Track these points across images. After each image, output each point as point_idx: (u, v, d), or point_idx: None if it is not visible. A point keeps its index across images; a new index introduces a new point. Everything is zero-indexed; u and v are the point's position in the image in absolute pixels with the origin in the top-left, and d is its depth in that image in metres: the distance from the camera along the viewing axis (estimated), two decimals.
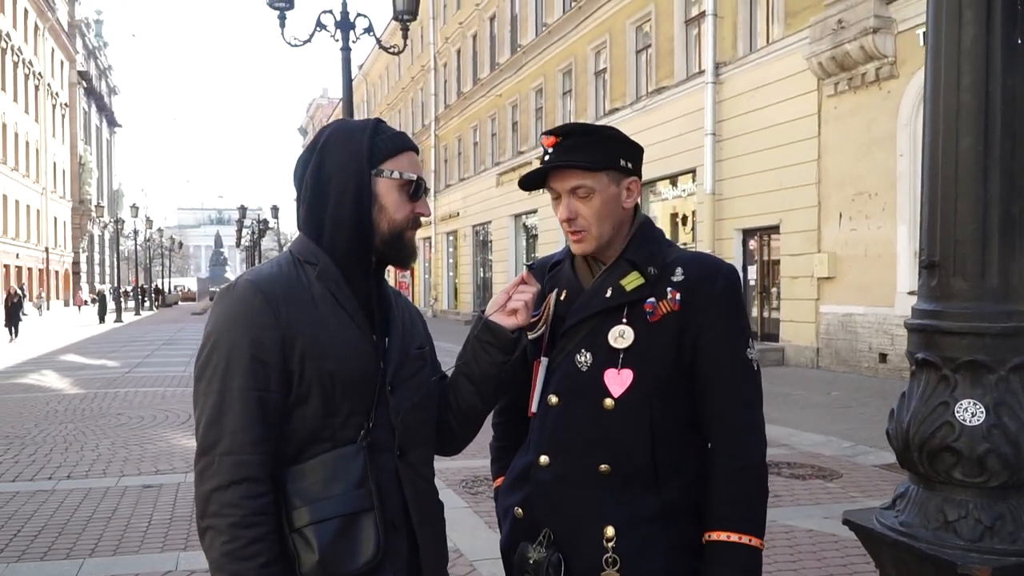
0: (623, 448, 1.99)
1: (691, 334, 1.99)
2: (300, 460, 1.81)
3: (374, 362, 1.88)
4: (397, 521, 1.87)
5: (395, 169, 1.91)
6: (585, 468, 2.01)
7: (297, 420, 1.81)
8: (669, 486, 1.99)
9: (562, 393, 2.06)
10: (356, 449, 1.82)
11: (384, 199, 1.91)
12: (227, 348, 1.77)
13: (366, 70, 57.04)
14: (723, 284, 2.02)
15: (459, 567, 5.33)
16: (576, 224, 2.04)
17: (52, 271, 65.73)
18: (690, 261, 2.06)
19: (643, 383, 1.99)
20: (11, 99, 55.22)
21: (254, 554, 1.71)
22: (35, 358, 22.30)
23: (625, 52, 23.97)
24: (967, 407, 2.08)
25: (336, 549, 1.76)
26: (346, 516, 1.78)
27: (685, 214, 21.58)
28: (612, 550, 1.96)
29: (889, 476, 7.65)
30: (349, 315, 1.87)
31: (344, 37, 13.43)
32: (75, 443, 9.69)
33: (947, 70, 2.14)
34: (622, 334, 2.01)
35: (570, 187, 2.04)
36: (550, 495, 2.05)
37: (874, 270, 15.04)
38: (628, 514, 1.98)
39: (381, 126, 1.96)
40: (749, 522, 1.97)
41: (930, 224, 2.19)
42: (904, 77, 14.40)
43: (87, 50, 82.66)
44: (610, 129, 2.12)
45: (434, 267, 43.47)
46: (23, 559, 5.63)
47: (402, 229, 1.93)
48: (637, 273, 2.04)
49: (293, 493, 1.79)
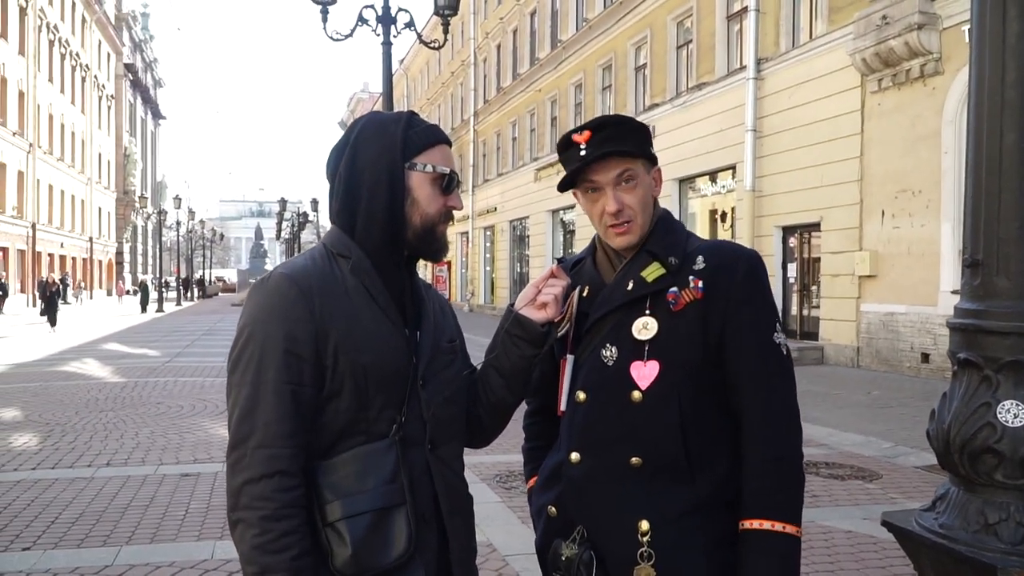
0: (653, 440, 1.97)
1: (716, 322, 1.97)
2: (332, 454, 1.81)
3: (407, 356, 1.87)
4: (428, 514, 1.87)
5: (428, 162, 1.90)
6: (616, 463, 2.00)
7: (330, 414, 1.80)
8: (703, 478, 1.97)
9: (589, 389, 2.05)
10: (388, 443, 1.82)
11: (417, 192, 1.90)
12: (261, 341, 1.77)
13: (407, 65, 57.28)
14: (745, 270, 2.00)
15: (492, 562, 5.33)
16: (624, 215, 2.02)
17: (96, 261, 66.77)
18: (711, 249, 2.05)
19: (670, 374, 1.97)
20: (58, 90, 56.12)
21: (285, 547, 1.71)
22: (77, 347, 22.64)
23: (666, 48, 23.84)
24: (1009, 408, 2.04)
25: (369, 543, 1.76)
26: (379, 511, 1.77)
27: (725, 211, 21.43)
28: (647, 544, 1.94)
29: (930, 477, 7.54)
30: (382, 308, 1.87)
31: (385, 32, 13.46)
32: (115, 431, 9.82)
33: (992, 66, 2.10)
34: (646, 325, 2.00)
35: (616, 174, 2.01)
36: (582, 492, 2.03)
37: (917, 269, 14.84)
38: (662, 508, 1.96)
39: (414, 119, 1.95)
40: (785, 510, 1.94)
41: (973, 222, 2.15)
42: (949, 74, 14.19)
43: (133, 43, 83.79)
44: (637, 120, 2.11)
45: (471, 262, 43.56)
46: (60, 546, 5.71)
47: (434, 223, 1.92)
48: (658, 264, 2.02)
49: (325, 487, 1.78)
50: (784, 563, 1.93)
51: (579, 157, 2.02)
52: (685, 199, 23.38)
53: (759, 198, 18.99)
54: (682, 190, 23.34)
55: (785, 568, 1.93)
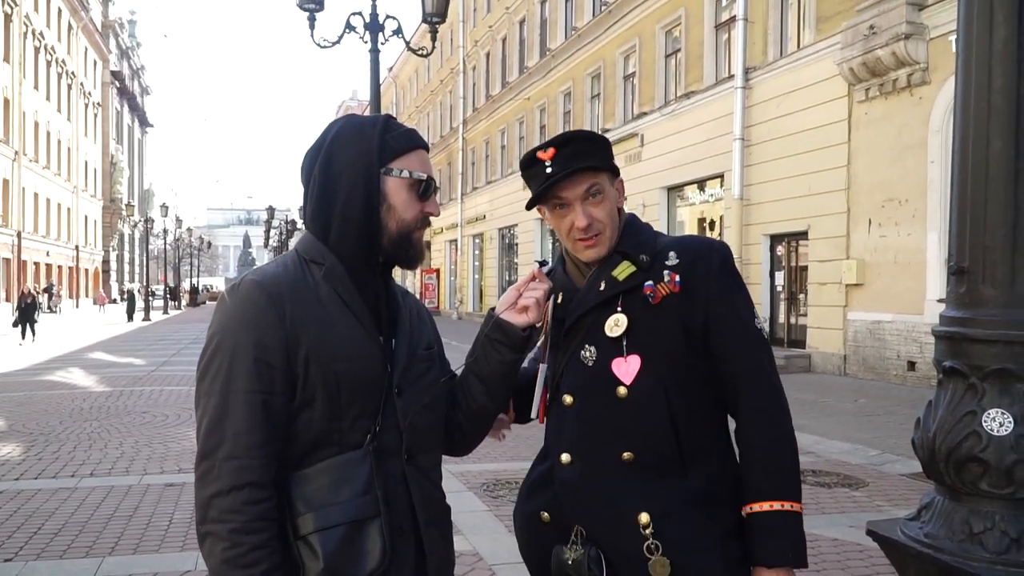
0: (642, 435, 1.98)
1: (698, 313, 1.99)
2: (305, 465, 1.77)
3: (381, 364, 1.84)
4: (405, 526, 1.84)
5: (405, 168, 1.87)
6: (608, 460, 2.01)
7: (302, 424, 1.77)
8: (696, 470, 1.99)
9: (575, 391, 2.07)
10: (362, 454, 1.79)
11: (393, 198, 1.87)
12: (230, 349, 1.73)
13: (395, 72, 57.29)
14: (719, 260, 2.03)
15: (478, 571, 5.30)
16: (594, 228, 2.04)
17: (82, 269, 66.44)
18: (681, 244, 2.07)
19: (653, 367, 1.99)
20: (44, 98, 55.89)
21: (255, 561, 1.67)
22: (62, 356, 22.52)
23: (654, 56, 23.89)
24: (995, 417, 2.03)
25: (341, 557, 1.72)
26: (352, 523, 1.74)
27: (713, 219, 21.46)
28: (651, 536, 1.94)
29: (916, 485, 7.54)
30: (355, 315, 1.83)
31: (373, 39, 13.44)
32: (99, 441, 9.75)
33: (978, 72, 2.09)
34: (617, 322, 2.02)
35: (584, 189, 2.03)
36: (577, 492, 2.04)
37: (903, 277, 14.89)
38: (659, 500, 1.96)
39: (391, 123, 1.92)
40: (787, 489, 1.97)
41: (959, 229, 2.14)
42: (936, 84, 14.26)
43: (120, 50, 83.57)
44: (599, 134, 2.14)
45: (460, 269, 43.52)
46: (42, 556, 5.65)
47: (411, 229, 1.89)
48: (628, 262, 2.05)
49: (297, 499, 1.75)
50: (793, 542, 1.94)
51: (546, 175, 2.04)
52: (673, 207, 23.41)
53: (747, 207, 19.03)
54: (670, 198, 23.38)
55: (797, 545, 1.95)
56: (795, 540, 1.94)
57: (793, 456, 2.00)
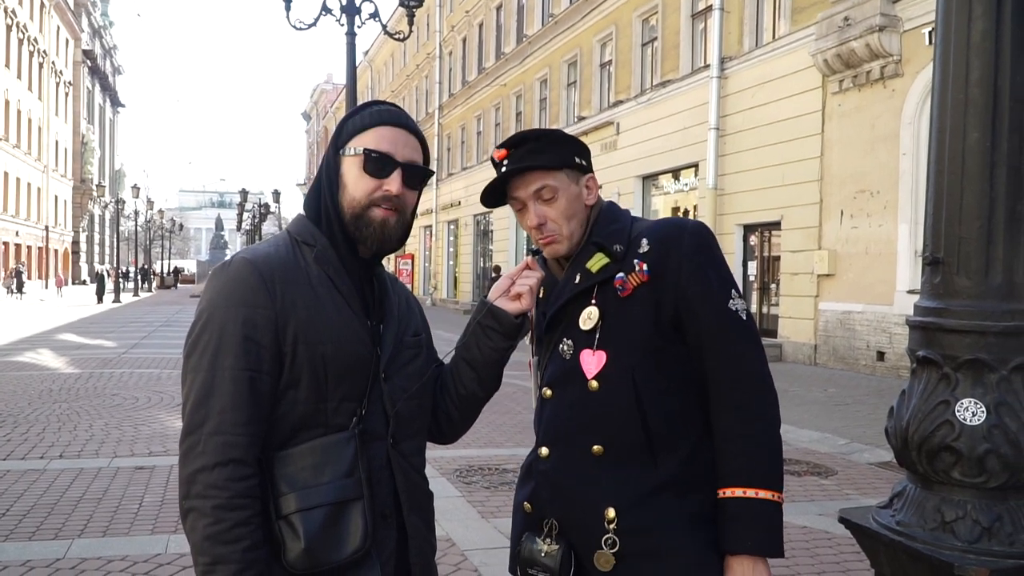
0: (613, 427, 1.98)
1: (668, 300, 1.98)
2: (290, 445, 1.77)
3: (368, 348, 1.85)
4: (388, 511, 1.84)
5: (356, 145, 1.87)
6: (580, 453, 2.01)
7: (288, 404, 1.77)
8: (667, 459, 1.97)
9: (553, 384, 2.07)
10: (347, 436, 1.79)
11: (346, 177, 1.87)
12: (219, 326, 1.74)
13: (371, 56, 56.94)
14: (689, 242, 2.00)
15: (451, 556, 5.30)
16: (547, 229, 2.05)
17: (52, 250, 65.70)
18: (654, 229, 2.06)
19: (622, 359, 1.98)
20: (15, 76, 55.14)
21: (238, 537, 1.67)
22: (30, 337, 22.26)
23: (631, 45, 23.90)
24: (968, 406, 2.04)
25: (323, 538, 1.72)
26: (334, 504, 1.74)
27: (687, 208, 21.54)
28: (613, 531, 1.94)
29: (884, 474, 7.64)
30: (345, 298, 1.84)
31: (349, 22, 13.34)
32: (68, 423, 9.66)
33: (956, 64, 2.10)
34: (589, 315, 2.02)
35: (533, 189, 2.04)
36: (552, 485, 2.05)
37: (874, 268, 15.02)
38: (627, 493, 1.96)
39: (368, 107, 1.93)
40: (762, 475, 1.94)
41: (934, 220, 2.15)
42: (909, 76, 14.36)
43: (92, 29, 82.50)
44: (559, 131, 2.13)
45: (434, 256, 43.45)
46: (11, 538, 5.59)
47: (362, 207, 1.85)
48: (601, 253, 2.04)
49: (281, 479, 1.75)
50: (764, 531, 1.92)
51: (499, 175, 2.06)
52: (648, 196, 23.48)
53: (721, 196, 19.11)
54: (645, 187, 23.44)
55: (764, 536, 1.92)
56: (761, 529, 1.91)
57: (771, 441, 1.97)
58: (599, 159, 24.09)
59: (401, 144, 1.88)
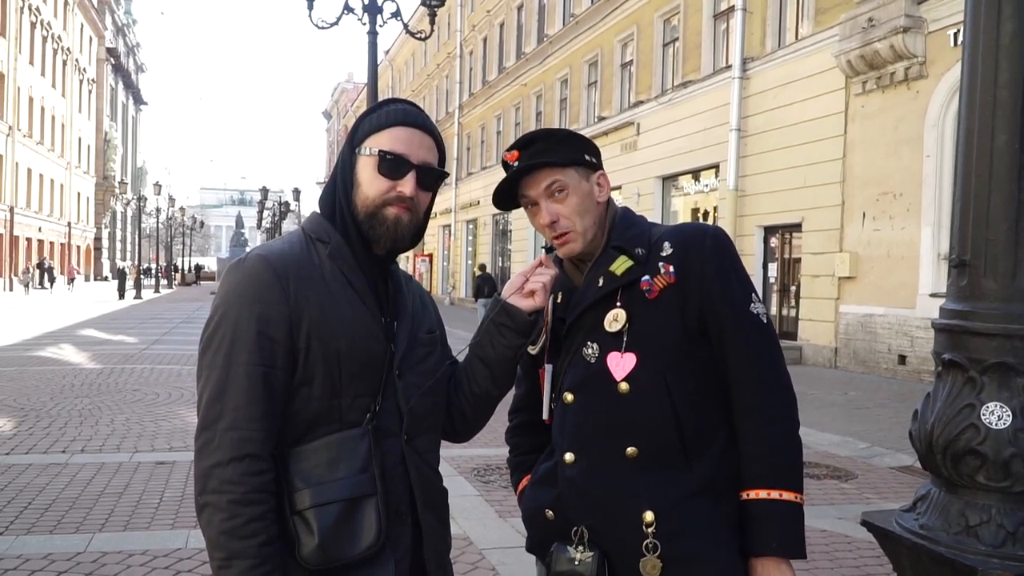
0: (646, 429, 1.96)
1: (693, 302, 1.98)
2: (304, 441, 1.78)
3: (382, 344, 1.85)
4: (403, 508, 1.85)
5: (372, 146, 1.87)
6: (612, 457, 1.99)
7: (302, 400, 1.78)
8: (701, 461, 1.97)
9: (576, 389, 2.05)
10: (361, 432, 1.79)
11: (360, 176, 1.88)
12: (234, 322, 1.75)
13: (392, 55, 57.05)
14: (712, 245, 2.01)
15: (468, 555, 5.31)
16: (560, 226, 2.04)
17: (74, 246, 66.19)
18: (674, 233, 2.06)
19: (653, 361, 1.97)
20: (39, 73, 55.57)
21: (253, 532, 1.68)
22: (53, 332, 22.44)
23: (652, 45, 23.84)
24: (993, 410, 2.03)
25: (337, 534, 1.73)
26: (348, 500, 1.75)
27: (707, 210, 21.49)
28: (652, 535, 1.92)
29: (904, 479, 7.58)
30: (359, 295, 1.85)
31: (371, 21, 13.37)
32: (90, 417, 9.74)
33: (984, 66, 2.08)
34: (616, 317, 2.00)
35: (544, 186, 2.04)
36: (581, 492, 2.01)
37: (896, 271, 14.92)
38: (665, 495, 1.94)
39: (386, 105, 1.93)
40: (782, 477, 1.94)
41: (961, 222, 2.14)
42: (933, 78, 14.25)
43: (116, 27, 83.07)
44: (566, 130, 2.14)
45: (453, 255, 43.48)
46: (32, 532, 5.64)
47: (376, 206, 1.86)
48: (625, 257, 2.03)
49: (295, 474, 1.76)
50: (788, 532, 1.92)
51: (509, 174, 2.07)
52: (668, 197, 23.42)
53: (741, 198, 19.04)
54: (665, 188, 23.38)
55: (789, 537, 1.92)
56: (785, 531, 1.91)
57: (791, 443, 1.98)
58: (619, 159, 24.07)
59: (416, 145, 1.89)
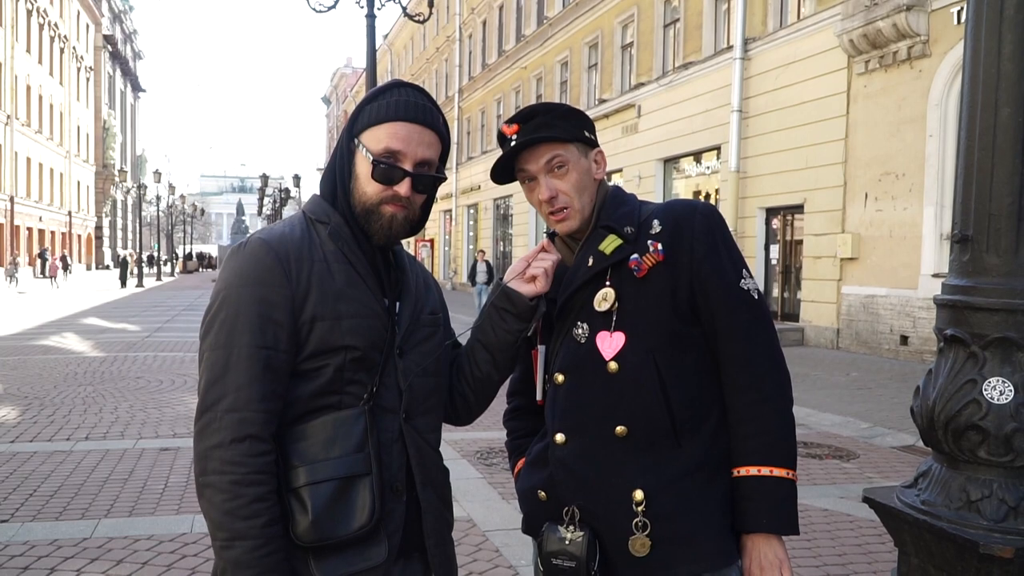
0: (636, 408, 1.96)
1: (683, 279, 1.97)
2: (303, 420, 1.79)
3: (384, 324, 1.85)
4: (399, 485, 1.85)
5: (369, 143, 1.86)
6: (602, 436, 1.98)
7: (303, 380, 1.79)
8: (691, 440, 1.96)
9: (567, 369, 2.04)
10: (358, 412, 1.80)
11: (358, 169, 1.88)
12: (235, 305, 1.75)
13: (391, 39, 56.85)
14: (700, 222, 2.00)
15: (472, 536, 5.33)
16: (559, 201, 2.03)
17: (75, 235, 66.19)
18: (664, 210, 2.05)
19: (642, 340, 1.96)
20: (36, 61, 55.42)
21: (256, 513, 1.69)
22: (55, 320, 22.47)
23: (652, 26, 23.73)
24: (995, 385, 2.03)
25: (330, 512, 1.74)
26: (343, 479, 1.75)
27: (708, 192, 21.43)
28: (642, 514, 1.92)
29: (906, 458, 7.59)
30: (360, 276, 1.85)
31: (369, 4, 13.34)
32: (94, 405, 9.76)
33: (988, 38, 2.07)
34: (605, 297, 2.00)
35: (545, 160, 2.02)
36: (572, 472, 2.01)
37: (898, 252, 14.89)
38: (655, 474, 1.94)
39: (389, 91, 1.91)
40: (774, 453, 1.94)
41: (964, 197, 2.13)
42: (936, 56, 14.18)
43: (113, 13, 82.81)
44: (566, 105, 2.12)
45: (454, 240, 43.46)
46: (38, 518, 5.66)
47: (373, 204, 1.86)
48: (614, 235, 2.02)
49: (292, 452, 1.77)
50: (779, 509, 1.92)
51: (509, 147, 2.04)
52: (669, 179, 23.36)
53: (743, 179, 18.99)
54: (666, 170, 23.32)
55: (780, 514, 1.92)
56: (777, 507, 1.91)
57: (783, 419, 1.97)
58: (620, 142, 24.01)
59: (415, 143, 1.86)
